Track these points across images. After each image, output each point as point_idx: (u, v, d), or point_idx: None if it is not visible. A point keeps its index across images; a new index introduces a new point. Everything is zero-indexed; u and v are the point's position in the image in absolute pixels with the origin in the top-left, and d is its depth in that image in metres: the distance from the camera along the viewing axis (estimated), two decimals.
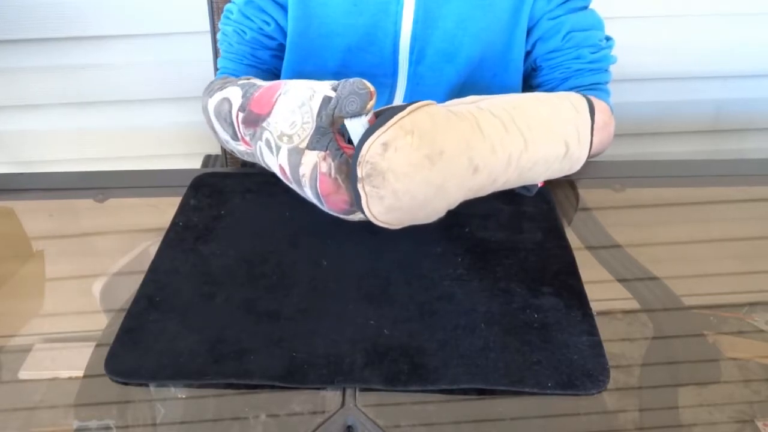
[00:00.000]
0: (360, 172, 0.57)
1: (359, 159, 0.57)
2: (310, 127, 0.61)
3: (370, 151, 0.57)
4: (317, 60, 0.87)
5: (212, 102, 0.73)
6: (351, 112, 0.60)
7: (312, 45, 0.86)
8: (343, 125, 0.61)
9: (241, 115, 0.68)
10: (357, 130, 0.60)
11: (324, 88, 0.62)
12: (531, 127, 0.65)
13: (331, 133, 0.61)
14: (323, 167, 0.61)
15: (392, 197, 0.58)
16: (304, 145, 0.62)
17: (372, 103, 0.60)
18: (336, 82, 0.62)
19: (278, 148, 0.64)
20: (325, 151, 0.61)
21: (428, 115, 0.59)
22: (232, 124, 0.70)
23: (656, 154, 1.62)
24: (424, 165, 0.58)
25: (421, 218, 0.62)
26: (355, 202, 0.60)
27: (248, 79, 0.75)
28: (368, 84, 0.60)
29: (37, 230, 0.77)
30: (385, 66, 0.86)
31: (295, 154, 0.63)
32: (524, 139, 0.65)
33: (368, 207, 0.59)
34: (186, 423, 0.52)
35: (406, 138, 0.57)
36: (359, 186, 0.58)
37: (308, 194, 0.64)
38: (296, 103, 0.63)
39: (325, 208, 0.64)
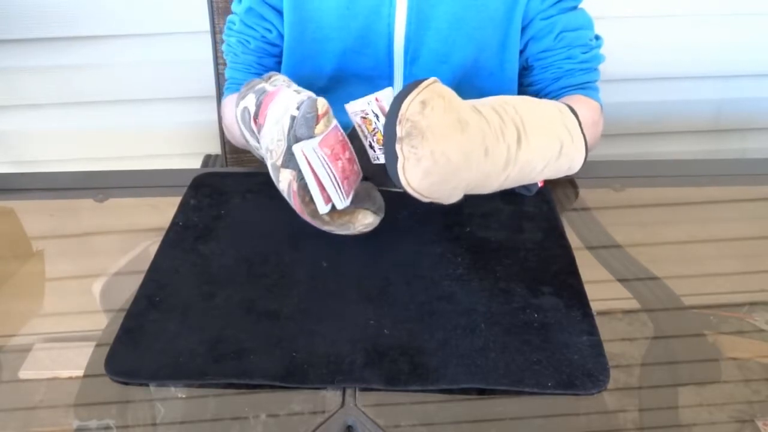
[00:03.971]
0: (400, 131, 0.57)
1: (399, 117, 0.56)
2: (283, 145, 0.62)
3: (410, 109, 0.56)
4: (313, 64, 0.88)
5: (238, 113, 0.74)
6: (302, 136, 0.60)
7: (308, 49, 0.87)
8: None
9: (258, 123, 0.69)
10: (301, 155, 0.61)
11: (292, 106, 0.62)
12: (523, 121, 0.66)
13: None
14: (294, 186, 0.62)
15: (430, 158, 0.57)
16: (279, 162, 0.63)
17: (320, 126, 0.60)
18: (302, 98, 0.62)
19: (266, 160, 0.66)
20: (297, 170, 0.62)
21: (448, 89, 0.60)
22: (254, 132, 0.71)
23: (656, 154, 1.62)
24: (456, 128, 0.58)
25: (448, 191, 0.62)
26: (388, 168, 0.59)
27: (270, 77, 0.76)
28: (320, 104, 0.60)
29: (37, 230, 0.77)
30: (380, 68, 0.86)
31: (275, 170, 0.64)
32: (517, 131, 0.65)
33: (404, 171, 0.58)
34: (186, 423, 0.52)
35: (439, 100, 0.57)
36: (397, 147, 0.57)
37: None
38: (274, 119, 0.64)
39: None
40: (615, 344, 0.58)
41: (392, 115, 0.57)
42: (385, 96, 0.63)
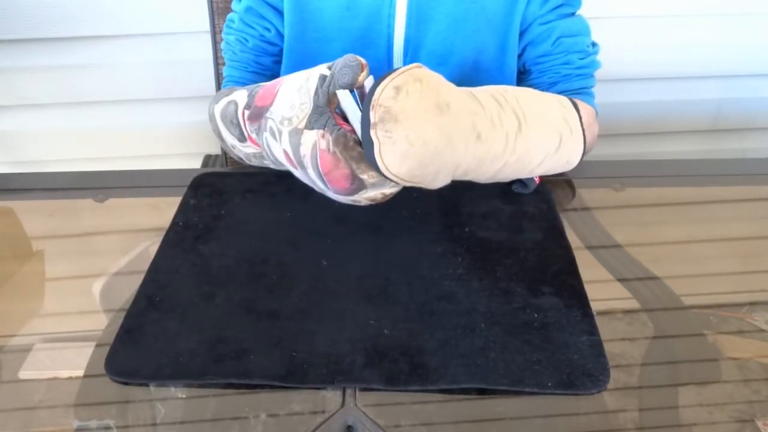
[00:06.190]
0: (373, 116, 0.57)
1: (372, 103, 0.57)
2: (307, 107, 0.62)
3: (383, 95, 0.57)
4: (314, 64, 0.87)
5: (218, 107, 0.74)
6: (344, 84, 0.61)
7: (308, 49, 0.87)
8: (339, 106, 0.62)
9: (246, 112, 0.69)
10: (350, 103, 0.61)
11: (320, 68, 0.64)
12: (524, 111, 0.66)
13: (328, 111, 0.61)
14: (322, 144, 0.61)
15: (405, 142, 0.57)
16: (302, 125, 0.62)
17: (364, 74, 0.61)
18: (332, 62, 0.63)
19: (280, 133, 0.64)
20: (323, 128, 0.61)
21: (430, 73, 0.60)
22: (238, 124, 0.71)
23: (656, 154, 1.62)
24: (434, 112, 0.58)
25: (431, 175, 0.61)
26: (366, 155, 0.59)
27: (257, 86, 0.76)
28: (360, 57, 0.61)
29: (37, 230, 0.77)
30: (380, 69, 0.87)
31: (295, 135, 0.63)
32: (518, 119, 0.65)
33: (380, 155, 0.58)
34: (186, 423, 0.52)
35: (415, 84, 0.58)
36: (372, 133, 0.57)
37: (312, 176, 0.64)
38: (295, 87, 0.64)
39: (330, 192, 0.64)
40: (615, 344, 0.58)
41: (367, 102, 0.58)
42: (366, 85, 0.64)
